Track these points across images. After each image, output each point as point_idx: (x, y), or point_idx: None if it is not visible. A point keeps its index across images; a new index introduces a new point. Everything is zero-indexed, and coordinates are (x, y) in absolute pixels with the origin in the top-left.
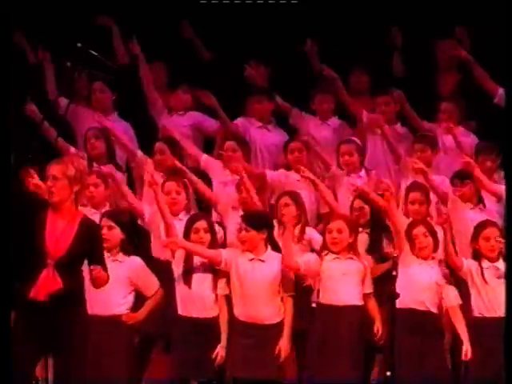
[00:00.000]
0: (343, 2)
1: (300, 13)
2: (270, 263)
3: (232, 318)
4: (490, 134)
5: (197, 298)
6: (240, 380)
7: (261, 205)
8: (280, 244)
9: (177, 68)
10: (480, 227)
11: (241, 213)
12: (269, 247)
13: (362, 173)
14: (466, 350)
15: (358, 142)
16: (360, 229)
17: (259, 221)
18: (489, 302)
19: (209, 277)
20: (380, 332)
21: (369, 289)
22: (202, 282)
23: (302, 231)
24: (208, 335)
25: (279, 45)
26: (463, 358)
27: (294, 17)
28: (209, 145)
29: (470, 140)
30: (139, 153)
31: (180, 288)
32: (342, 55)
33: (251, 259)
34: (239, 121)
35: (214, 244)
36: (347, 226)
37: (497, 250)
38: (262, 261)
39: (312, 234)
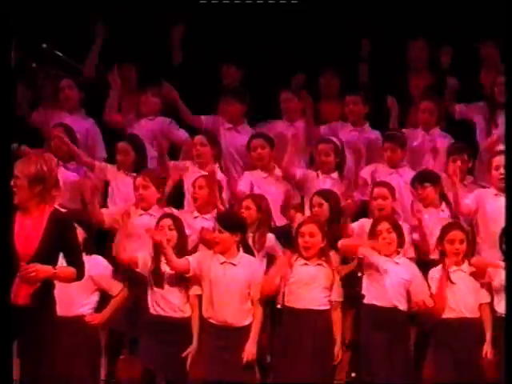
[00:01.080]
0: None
1: (300, 13)
2: (242, 267)
3: (202, 319)
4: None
5: (168, 298)
6: (210, 381)
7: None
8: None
9: (147, 70)
10: (444, 230)
11: (196, 214)
12: (241, 250)
13: (335, 174)
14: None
15: (337, 142)
16: None
17: (233, 223)
18: (454, 303)
19: (179, 276)
20: (339, 356)
21: (337, 297)
22: (173, 281)
23: (264, 236)
24: (179, 335)
25: (270, 44)
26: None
27: (293, 17)
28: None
29: (446, 141)
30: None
31: (151, 287)
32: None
33: (223, 262)
34: (209, 119)
35: (181, 242)
36: (319, 230)
37: (462, 253)
38: (234, 264)
39: (271, 240)
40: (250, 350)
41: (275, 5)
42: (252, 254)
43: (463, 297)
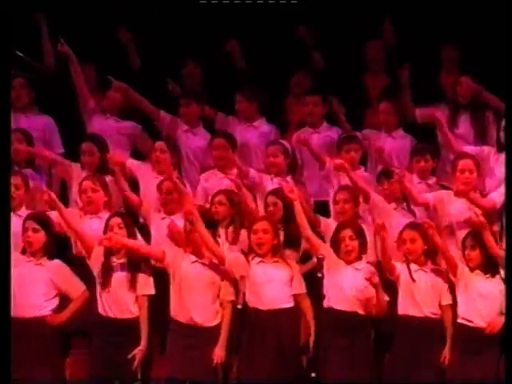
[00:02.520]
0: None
1: (300, 13)
2: (212, 267)
3: (153, 319)
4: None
5: (116, 298)
6: (175, 380)
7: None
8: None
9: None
10: (401, 230)
11: (163, 215)
12: None
13: (289, 178)
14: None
15: (286, 144)
16: None
17: (207, 222)
18: (414, 302)
19: (127, 276)
20: (313, 337)
21: (300, 289)
22: (121, 281)
23: (237, 232)
24: (127, 336)
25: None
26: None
27: (293, 17)
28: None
29: (407, 142)
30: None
31: (99, 287)
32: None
33: (194, 261)
34: (167, 117)
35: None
36: (272, 227)
37: (415, 253)
38: (205, 264)
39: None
40: (219, 353)
41: (275, 5)
42: None
43: (424, 296)
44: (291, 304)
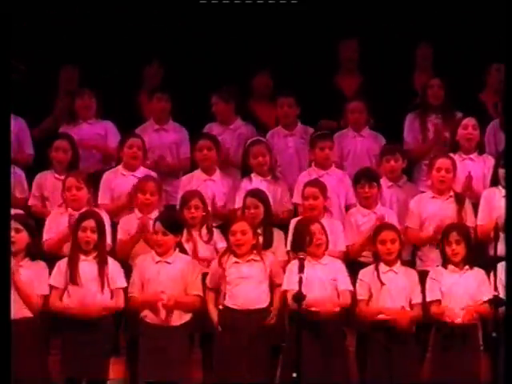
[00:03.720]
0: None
1: (300, 13)
2: (177, 264)
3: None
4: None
5: (86, 295)
6: (149, 382)
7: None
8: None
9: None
10: (377, 230)
11: (139, 215)
12: (177, 250)
13: (269, 178)
14: None
15: (267, 141)
16: None
17: (177, 225)
18: (385, 303)
19: (97, 272)
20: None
21: (278, 281)
22: (91, 278)
23: (210, 232)
24: (97, 333)
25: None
26: None
27: (294, 17)
28: None
29: (377, 140)
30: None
31: (69, 286)
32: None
33: (158, 261)
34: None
35: (101, 244)
36: (250, 228)
37: (394, 253)
38: (169, 263)
39: (218, 235)
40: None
41: (275, 5)
42: (186, 253)
43: (393, 298)
44: (266, 304)
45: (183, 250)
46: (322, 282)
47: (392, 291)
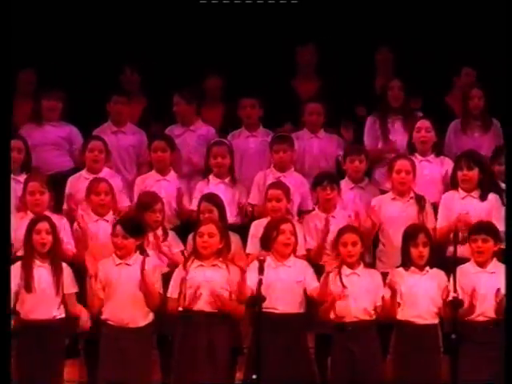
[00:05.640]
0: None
1: (300, 13)
2: (137, 266)
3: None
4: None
5: (40, 300)
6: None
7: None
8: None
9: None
10: (339, 233)
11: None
12: (137, 251)
13: (227, 180)
14: None
15: (228, 143)
16: None
17: (138, 228)
18: (348, 306)
19: (52, 278)
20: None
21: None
22: (45, 283)
23: (165, 233)
24: (52, 338)
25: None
26: None
27: (294, 17)
28: None
29: (334, 142)
30: None
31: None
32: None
33: (118, 264)
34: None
35: (56, 246)
36: (218, 231)
37: (355, 256)
38: (129, 265)
39: (173, 237)
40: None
41: (275, 5)
42: (147, 255)
43: (356, 300)
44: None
45: (143, 252)
46: (285, 284)
47: (355, 293)
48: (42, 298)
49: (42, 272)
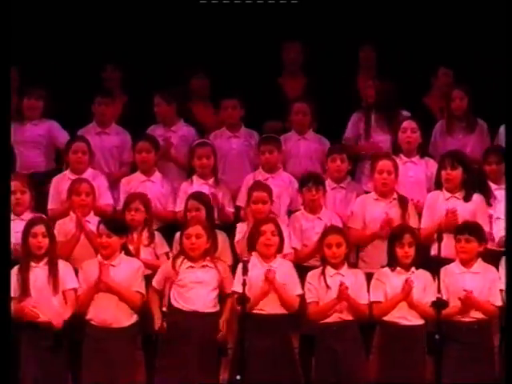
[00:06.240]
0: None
1: (300, 13)
2: (122, 268)
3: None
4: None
5: (39, 301)
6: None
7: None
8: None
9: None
10: (323, 234)
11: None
12: (123, 252)
13: (211, 181)
14: None
15: (211, 144)
16: None
17: (121, 226)
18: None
19: (49, 278)
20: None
21: (228, 289)
22: (43, 284)
23: (152, 235)
24: (56, 339)
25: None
26: None
27: (295, 17)
28: None
29: (321, 144)
30: None
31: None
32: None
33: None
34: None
35: (53, 248)
36: (205, 231)
37: (340, 257)
38: (113, 265)
39: (159, 238)
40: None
41: (275, 5)
42: (131, 255)
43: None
44: (216, 309)
45: (129, 253)
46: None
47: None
48: (39, 301)
49: (39, 274)
